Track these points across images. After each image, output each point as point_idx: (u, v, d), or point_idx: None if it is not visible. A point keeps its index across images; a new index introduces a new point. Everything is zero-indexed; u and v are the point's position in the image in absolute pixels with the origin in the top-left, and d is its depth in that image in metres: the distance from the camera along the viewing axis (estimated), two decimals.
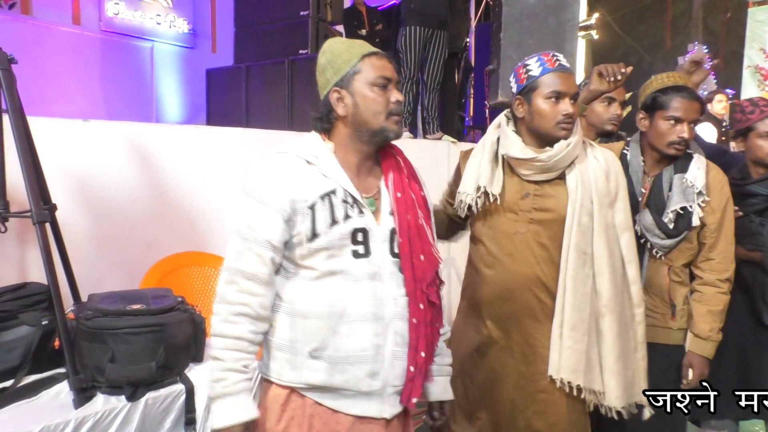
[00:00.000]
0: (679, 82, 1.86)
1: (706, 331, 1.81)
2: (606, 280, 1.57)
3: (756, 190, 2.03)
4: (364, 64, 1.32)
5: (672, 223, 1.80)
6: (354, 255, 1.29)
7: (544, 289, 1.62)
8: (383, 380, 1.31)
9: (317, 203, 1.28)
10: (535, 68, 1.59)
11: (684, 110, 1.78)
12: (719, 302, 1.82)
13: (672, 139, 1.80)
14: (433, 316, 1.36)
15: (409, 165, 1.43)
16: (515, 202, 1.64)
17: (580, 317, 1.56)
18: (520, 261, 1.63)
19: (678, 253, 1.85)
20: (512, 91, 1.65)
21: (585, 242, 1.57)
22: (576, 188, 1.58)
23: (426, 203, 1.42)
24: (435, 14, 4.38)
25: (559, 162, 1.58)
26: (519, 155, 1.60)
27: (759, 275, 2.02)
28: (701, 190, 1.79)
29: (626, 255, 1.63)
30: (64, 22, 5.09)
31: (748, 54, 8.19)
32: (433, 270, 1.34)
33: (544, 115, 1.56)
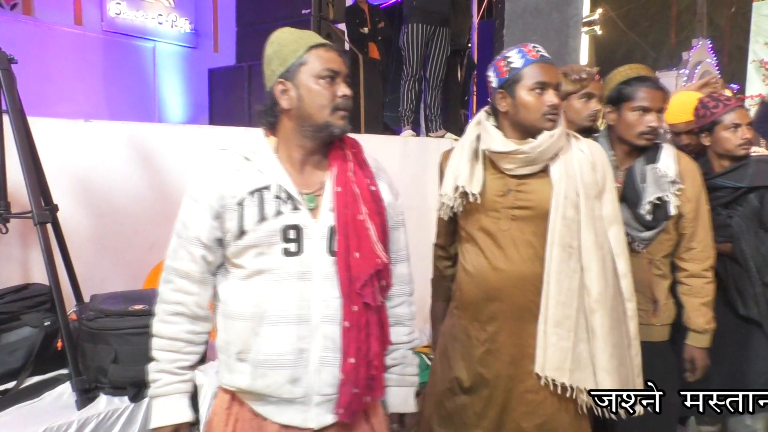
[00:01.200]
0: (641, 72, 1.85)
1: (703, 324, 1.83)
2: (595, 275, 1.53)
3: (721, 183, 2.05)
4: (310, 55, 1.26)
5: (650, 215, 1.79)
6: (285, 253, 1.23)
7: (531, 287, 1.58)
8: (306, 387, 1.23)
9: (246, 199, 1.23)
10: (517, 60, 1.55)
11: (651, 99, 1.78)
12: (708, 292, 1.83)
13: (641, 129, 1.79)
14: (369, 320, 1.26)
15: (360, 158, 1.34)
16: (497, 200, 1.60)
17: (566, 313, 1.52)
18: (504, 259, 1.60)
19: (658, 245, 1.84)
20: (492, 85, 1.60)
21: (570, 236, 1.53)
22: (560, 180, 1.54)
23: (375, 198, 1.31)
24: (437, 11, 4.37)
25: (543, 153, 1.54)
26: (501, 149, 1.57)
27: (731, 267, 2.03)
28: (675, 178, 1.79)
29: (615, 248, 1.59)
30: (66, 23, 5.09)
31: (753, 49, 8.15)
32: (369, 269, 1.25)
33: (529, 107, 1.53)
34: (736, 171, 2.04)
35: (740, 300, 2.02)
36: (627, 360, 1.58)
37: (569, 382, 1.53)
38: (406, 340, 1.41)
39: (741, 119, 2.03)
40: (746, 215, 2.02)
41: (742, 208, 2.03)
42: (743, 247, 1.99)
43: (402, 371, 1.40)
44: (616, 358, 1.54)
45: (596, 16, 5.60)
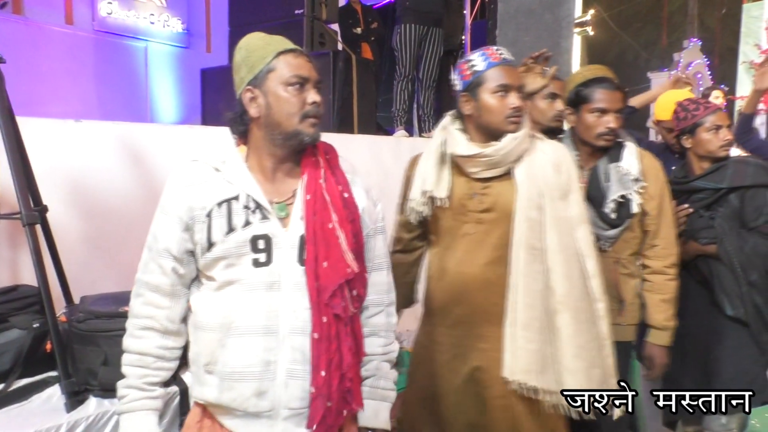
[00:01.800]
0: (599, 73, 1.87)
1: (662, 321, 1.84)
2: (559, 276, 1.52)
3: (702, 185, 2.07)
4: (279, 61, 1.23)
5: (614, 213, 1.81)
6: (254, 264, 1.20)
7: (496, 290, 1.57)
8: (272, 401, 1.19)
9: (213, 210, 1.21)
10: (480, 63, 1.56)
11: (608, 101, 1.81)
12: (670, 289, 1.85)
13: (600, 130, 1.81)
14: (340, 331, 1.21)
15: (333, 164, 1.30)
16: (463, 204, 1.61)
17: (532, 315, 1.52)
18: (470, 263, 1.59)
19: (623, 244, 1.86)
20: (457, 89, 1.61)
21: (535, 237, 1.53)
22: (524, 182, 1.54)
23: (348, 205, 1.26)
24: (430, 12, 4.37)
25: (506, 156, 1.55)
26: (465, 152, 1.58)
27: (715, 267, 2.04)
28: (637, 176, 1.81)
29: (583, 248, 1.58)
30: (57, 22, 5.06)
31: (743, 50, 8.21)
32: (338, 279, 1.20)
33: (493, 109, 1.54)
34: (715, 172, 2.06)
35: (727, 301, 2.03)
36: (598, 361, 1.56)
37: (539, 385, 1.51)
38: (381, 352, 1.35)
39: (722, 121, 2.05)
40: (727, 216, 2.03)
41: (723, 209, 2.04)
42: (727, 248, 2.00)
43: (374, 383, 1.34)
44: (584, 359, 1.52)
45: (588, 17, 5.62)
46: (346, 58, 4.07)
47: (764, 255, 1.96)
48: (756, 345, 2.03)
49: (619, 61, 13.23)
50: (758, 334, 2.01)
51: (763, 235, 1.97)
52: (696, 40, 9.46)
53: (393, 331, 1.37)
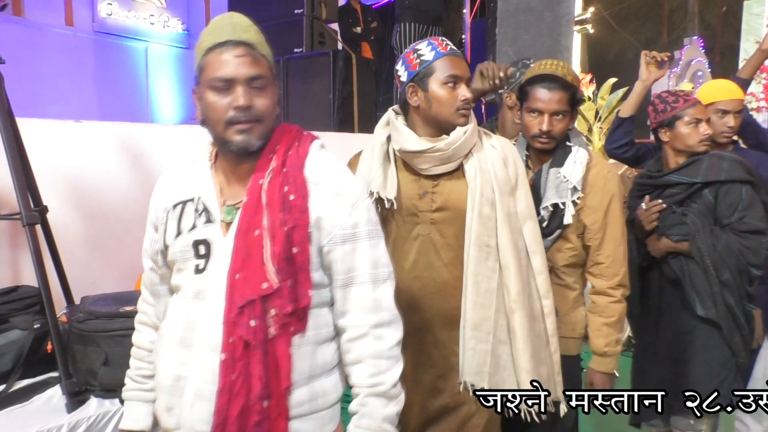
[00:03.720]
0: (548, 70, 1.71)
1: (602, 347, 1.71)
2: (512, 273, 1.46)
3: (676, 180, 1.99)
4: (207, 59, 1.10)
5: (545, 221, 1.70)
6: (195, 270, 1.13)
7: (454, 292, 1.49)
8: (179, 419, 1.11)
9: (170, 212, 1.18)
10: (428, 53, 1.48)
11: (544, 101, 1.67)
12: (613, 312, 1.71)
13: (533, 132, 1.71)
14: (250, 356, 1.05)
15: (292, 163, 1.14)
16: (413, 204, 1.52)
17: (484, 315, 1.46)
18: (425, 266, 1.51)
19: (557, 254, 1.73)
20: (402, 79, 1.51)
21: (488, 234, 1.46)
22: (475, 177, 1.47)
23: (290, 209, 1.10)
24: (429, 10, 4.38)
25: (458, 150, 1.47)
26: (415, 147, 1.48)
27: (687, 266, 1.95)
28: (576, 185, 1.68)
29: (530, 245, 1.53)
30: (57, 24, 5.07)
31: (744, 47, 8.18)
32: (249, 294, 1.06)
33: (443, 101, 1.46)
34: (690, 167, 1.98)
35: (698, 300, 1.94)
36: (545, 358, 1.53)
37: (488, 386, 1.47)
38: (367, 384, 1.13)
39: (701, 114, 1.98)
40: (700, 211, 1.95)
41: (697, 204, 1.96)
42: (699, 245, 1.91)
43: (358, 423, 1.13)
44: (535, 358, 1.49)
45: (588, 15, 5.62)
46: (346, 57, 4.07)
47: (737, 253, 1.88)
48: (727, 346, 1.95)
49: (620, 59, 13.21)
50: (729, 336, 1.94)
51: (736, 233, 1.90)
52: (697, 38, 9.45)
53: (388, 358, 1.14)
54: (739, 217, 1.91)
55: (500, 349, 1.47)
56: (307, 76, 4.21)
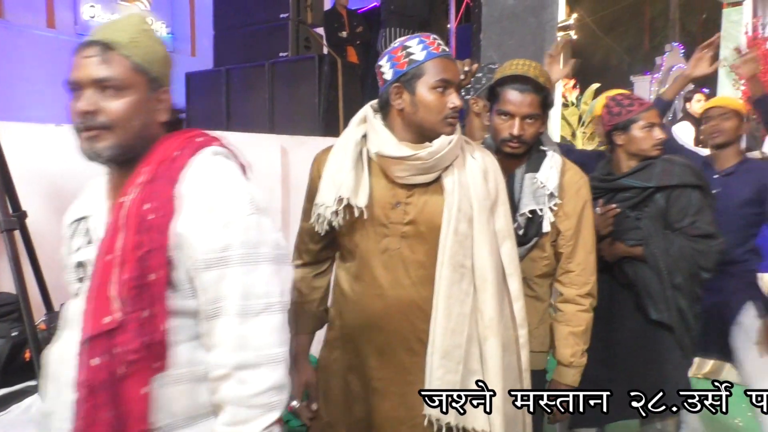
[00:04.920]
0: (519, 71, 1.62)
1: (568, 357, 1.64)
2: (489, 297, 1.34)
3: (629, 184, 1.98)
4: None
5: (522, 229, 1.62)
6: (73, 296, 1.06)
7: (421, 314, 1.36)
8: None
9: (68, 229, 1.12)
10: (419, 52, 1.34)
11: (515, 104, 1.59)
12: (581, 321, 1.65)
13: (503, 135, 1.62)
14: (97, 398, 0.94)
15: (161, 175, 1.01)
16: (384, 214, 1.37)
17: (455, 342, 1.32)
18: (392, 283, 1.37)
19: (531, 263, 1.66)
20: (386, 77, 1.37)
21: (463, 253, 1.34)
22: (453, 191, 1.35)
23: (147, 229, 0.97)
24: (415, 15, 4.40)
25: (441, 161, 1.34)
26: (395, 153, 1.34)
27: (641, 270, 1.96)
28: (553, 191, 1.61)
29: (507, 267, 1.40)
30: (38, 26, 5.01)
31: (724, 54, 8.32)
32: (91, 329, 0.94)
33: (431, 107, 1.33)
34: (643, 171, 1.98)
35: (651, 304, 1.95)
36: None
37: (455, 422, 1.32)
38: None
39: (655, 119, 1.99)
40: (653, 216, 1.96)
41: (649, 209, 1.97)
42: (653, 250, 1.92)
43: None
44: (506, 392, 1.37)
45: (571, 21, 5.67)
46: (331, 61, 4.07)
47: (689, 257, 1.91)
48: (679, 348, 1.99)
49: (603, 64, 13.37)
50: (681, 338, 1.97)
51: (688, 237, 1.92)
52: (678, 45, 9.60)
53: (250, 407, 0.98)
54: (691, 221, 1.93)
55: (470, 380, 1.34)
56: (293, 81, 4.20)
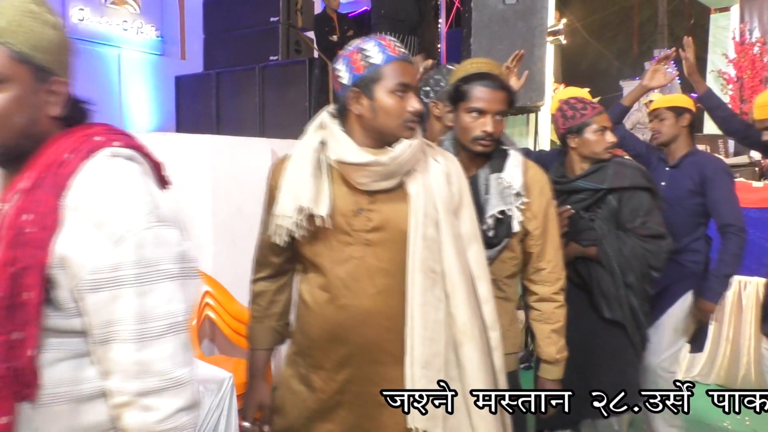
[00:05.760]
0: (483, 68, 1.64)
1: (554, 354, 1.64)
2: (460, 301, 1.32)
3: (583, 186, 2.04)
4: None
5: (492, 230, 1.60)
6: None
7: (387, 323, 1.32)
8: None
9: None
10: (376, 55, 1.30)
11: (486, 101, 1.57)
12: (559, 317, 1.66)
13: (476, 134, 1.59)
14: None
15: (46, 182, 0.90)
16: (347, 221, 1.33)
17: (434, 350, 1.29)
18: (356, 293, 1.33)
19: (500, 265, 1.64)
20: (343, 81, 1.33)
21: (433, 258, 1.31)
22: (418, 195, 1.32)
23: (22, 244, 0.87)
24: (405, 20, 4.41)
25: (402, 165, 1.31)
26: (355, 159, 1.30)
27: (594, 270, 2.01)
28: (519, 191, 1.60)
29: (475, 270, 1.38)
30: None
31: (712, 59, 8.40)
32: None
33: (390, 111, 1.29)
34: (596, 173, 2.03)
35: (605, 303, 1.99)
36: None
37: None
38: None
39: (607, 123, 2.06)
40: (605, 217, 2.01)
41: (602, 210, 2.02)
42: (607, 250, 1.96)
43: None
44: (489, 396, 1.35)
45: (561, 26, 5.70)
46: (321, 65, 4.08)
47: (641, 257, 1.96)
48: (631, 346, 2.03)
49: (592, 69, 13.48)
50: (633, 336, 2.02)
51: (639, 237, 1.97)
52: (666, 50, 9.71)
53: None
54: (642, 222, 1.98)
55: (451, 387, 1.31)
56: (283, 84, 4.20)
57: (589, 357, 2.04)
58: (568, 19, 7.98)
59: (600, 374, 2.01)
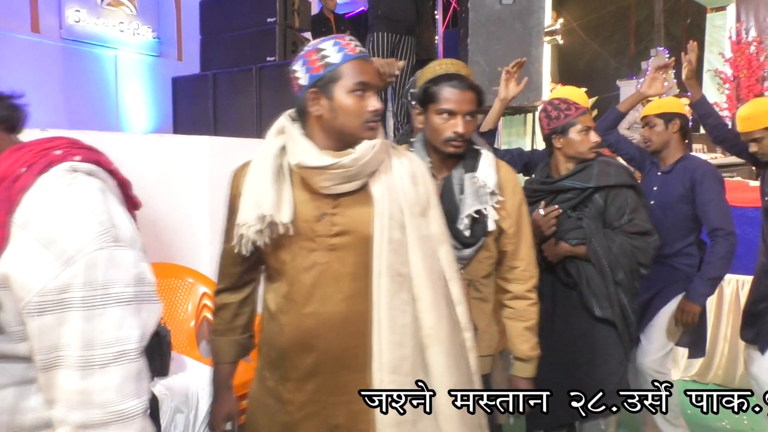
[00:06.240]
0: (451, 69, 1.66)
1: (527, 351, 1.65)
2: (426, 304, 1.30)
3: (570, 185, 2.05)
4: None
5: (468, 230, 1.59)
6: None
7: (355, 329, 1.30)
8: None
9: None
10: (334, 54, 1.28)
11: (456, 101, 1.57)
12: (532, 315, 1.66)
13: (447, 135, 1.58)
14: None
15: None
16: (310, 227, 1.31)
17: (402, 355, 1.27)
18: (322, 300, 1.31)
19: (477, 265, 1.64)
20: (301, 82, 1.31)
21: (400, 261, 1.29)
22: (382, 197, 1.30)
23: None
24: (402, 20, 4.41)
25: (365, 167, 1.29)
26: (316, 163, 1.27)
27: (584, 268, 2.02)
28: (494, 189, 1.60)
29: (447, 271, 1.37)
30: (23, 30, 4.96)
31: (708, 58, 8.43)
32: None
33: (350, 111, 1.27)
34: (582, 172, 2.05)
35: (595, 301, 2.00)
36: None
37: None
38: None
39: (590, 123, 2.08)
40: (593, 215, 2.03)
41: (588, 208, 2.04)
42: (596, 248, 1.98)
43: None
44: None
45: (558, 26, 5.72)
46: None
47: (630, 254, 1.98)
48: (621, 344, 2.04)
49: (589, 69, 13.50)
50: (623, 334, 2.03)
51: (627, 235, 1.99)
52: (663, 49, 9.71)
53: None
54: (629, 219, 2.01)
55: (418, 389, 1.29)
56: (280, 85, 4.19)
57: (580, 356, 2.05)
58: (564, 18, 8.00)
59: (590, 372, 2.02)
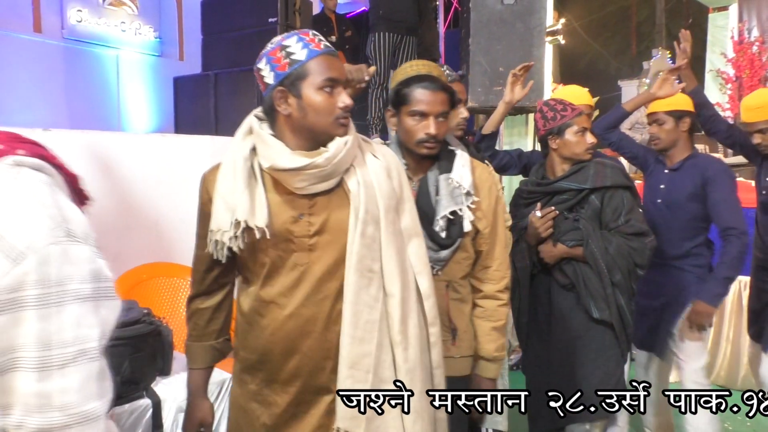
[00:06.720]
0: (423, 70, 1.63)
1: (492, 351, 1.63)
2: (397, 301, 1.28)
3: (566, 186, 2.04)
4: None
5: (444, 231, 1.59)
6: None
7: (338, 327, 1.29)
8: None
9: None
10: (299, 51, 1.24)
11: (427, 103, 1.56)
12: (501, 316, 1.66)
13: (419, 136, 1.58)
14: None
15: None
16: (287, 229, 1.29)
17: (363, 351, 1.26)
18: (303, 301, 1.29)
19: (455, 266, 1.63)
20: (267, 81, 1.27)
21: (372, 257, 1.27)
22: (358, 193, 1.28)
23: None
24: (403, 20, 4.41)
25: (339, 165, 1.27)
26: (289, 165, 1.24)
27: (581, 270, 2.02)
28: (469, 190, 1.59)
29: (416, 265, 1.35)
30: (25, 30, 4.96)
31: (710, 58, 8.41)
32: None
33: (320, 109, 1.25)
34: (578, 173, 2.04)
35: (593, 303, 1.99)
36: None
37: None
38: None
39: (587, 124, 2.07)
40: (589, 216, 2.02)
41: (585, 210, 2.03)
42: (593, 249, 1.97)
43: None
44: (424, 395, 1.32)
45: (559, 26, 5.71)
46: None
47: (627, 255, 1.97)
48: (617, 345, 2.04)
49: (591, 69, 13.49)
50: (620, 335, 2.03)
51: (623, 236, 1.98)
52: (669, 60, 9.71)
53: None
54: (625, 220, 2.00)
55: (382, 387, 1.28)
56: None
57: (577, 358, 2.04)
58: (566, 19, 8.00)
59: (587, 374, 2.01)
